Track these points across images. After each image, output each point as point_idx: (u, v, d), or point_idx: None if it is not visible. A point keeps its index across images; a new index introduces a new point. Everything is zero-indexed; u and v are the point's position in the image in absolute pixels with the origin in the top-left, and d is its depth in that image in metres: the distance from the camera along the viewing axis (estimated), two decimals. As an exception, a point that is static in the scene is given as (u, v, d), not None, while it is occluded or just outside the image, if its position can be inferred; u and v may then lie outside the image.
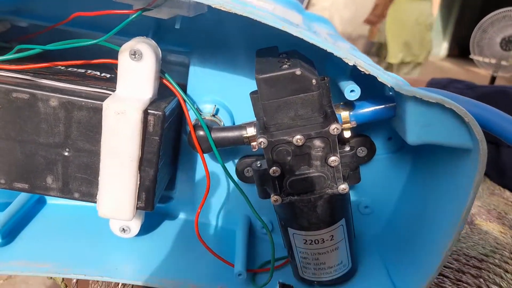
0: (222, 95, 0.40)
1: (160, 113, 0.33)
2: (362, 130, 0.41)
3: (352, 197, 0.45)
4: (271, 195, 0.34)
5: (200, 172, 0.43)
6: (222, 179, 0.44)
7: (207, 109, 0.39)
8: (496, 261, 0.57)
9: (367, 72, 0.29)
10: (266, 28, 0.27)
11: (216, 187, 0.44)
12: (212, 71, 0.40)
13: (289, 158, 0.32)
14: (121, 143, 0.32)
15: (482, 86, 0.97)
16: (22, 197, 0.42)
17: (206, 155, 0.38)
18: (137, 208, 0.35)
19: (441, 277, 0.51)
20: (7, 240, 0.38)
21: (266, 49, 0.36)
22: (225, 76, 0.40)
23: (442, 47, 5.03)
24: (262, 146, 0.31)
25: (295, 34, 0.27)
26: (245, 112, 0.40)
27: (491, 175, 0.91)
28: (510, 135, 0.31)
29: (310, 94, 0.31)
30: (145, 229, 0.42)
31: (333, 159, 0.32)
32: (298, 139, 0.31)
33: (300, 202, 0.34)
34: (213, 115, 0.38)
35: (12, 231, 0.39)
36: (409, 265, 0.38)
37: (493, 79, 2.62)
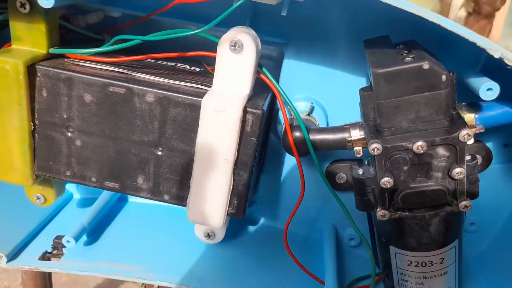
0: (317, 92, 0.37)
1: (259, 111, 0.30)
2: (475, 135, 0.36)
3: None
4: (378, 209, 0.30)
5: (285, 176, 0.40)
6: (309, 183, 0.40)
7: (301, 107, 0.36)
8: None
9: (516, 67, 0.24)
10: (372, 16, 0.24)
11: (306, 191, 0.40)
12: (307, 65, 0.36)
13: (405, 167, 0.28)
14: (217, 143, 0.30)
15: None
16: (106, 193, 0.41)
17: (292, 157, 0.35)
18: (227, 215, 0.32)
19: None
20: (92, 239, 0.37)
21: (376, 39, 0.32)
22: (321, 71, 0.36)
23: None
24: (375, 153, 0.27)
25: (431, 19, 0.23)
26: (342, 112, 0.36)
27: None
28: None
29: (437, 92, 0.26)
30: (227, 234, 0.40)
31: (459, 171, 0.27)
32: (419, 146, 0.27)
33: (412, 219, 0.30)
34: (308, 114, 0.35)
35: (97, 229, 0.38)
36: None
37: None
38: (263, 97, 0.33)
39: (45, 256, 0.38)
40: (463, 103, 0.31)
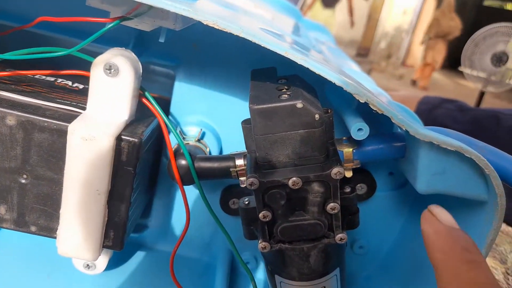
0: (210, 117, 0.36)
1: (136, 140, 0.28)
2: (362, 164, 0.37)
3: (348, 236, 0.41)
4: (259, 241, 0.29)
5: (179, 199, 0.39)
6: (203, 208, 0.39)
7: (192, 132, 0.35)
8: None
9: (380, 112, 0.25)
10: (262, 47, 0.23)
11: (197, 217, 0.39)
12: (200, 89, 0.35)
13: (282, 202, 0.28)
14: (87, 173, 0.27)
15: (472, 108, 0.95)
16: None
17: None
18: (103, 247, 0.30)
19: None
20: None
21: (262, 70, 0.31)
22: (214, 96, 0.35)
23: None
24: (252, 187, 0.27)
25: (299, 62, 0.23)
26: (235, 138, 0.36)
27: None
28: None
29: (311, 130, 0.26)
30: (115, 261, 0.37)
31: (333, 206, 0.28)
32: (294, 181, 0.27)
33: (292, 250, 0.30)
34: (198, 140, 0.34)
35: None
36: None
37: (481, 94, 2.64)
38: (147, 123, 0.31)
39: None
40: (344, 138, 0.31)
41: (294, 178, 0.27)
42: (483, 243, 0.28)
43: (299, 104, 0.26)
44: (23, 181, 0.28)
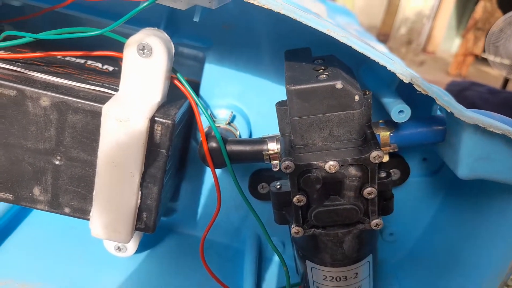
0: (241, 100, 0.35)
1: (169, 121, 0.28)
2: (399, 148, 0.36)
3: (379, 222, 0.40)
4: (292, 225, 0.29)
5: (208, 183, 0.39)
6: (232, 192, 0.39)
7: (222, 115, 0.34)
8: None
9: (424, 93, 0.24)
10: (295, 25, 0.22)
11: (225, 201, 0.39)
12: (230, 71, 0.35)
13: (318, 186, 0.27)
14: (121, 155, 0.27)
15: (503, 91, 0.94)
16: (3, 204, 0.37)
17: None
18: (136, 229, 0.30)
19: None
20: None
21: (297, 50, 0.30)
22: (245, 78, 0.35)
23: (454, 44, 4.91)
24: (287, 171, 0.26)
25: (342, 40, 0.22)
26: (265, 122, 0.35)
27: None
28: None
29: (350, 112, 0.26)
30: (145, 244, 0.38)
31: (370, 191, 0.27)
32: (331, 165, 0.26)
33: (326, 236, 0.29)
34: (229, 123, 0.33)
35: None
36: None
37: (506, 81, 2.56)
38: (178, 105, 0.31)
39: None
40: (380, 121, 0.30)
41: (332, 162, 0.26)
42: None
43: (339, 85, 0.25)
44: (57, 162, 0.28)
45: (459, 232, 0.35)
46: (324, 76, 0.25)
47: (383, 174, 0.31)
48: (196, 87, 0.36)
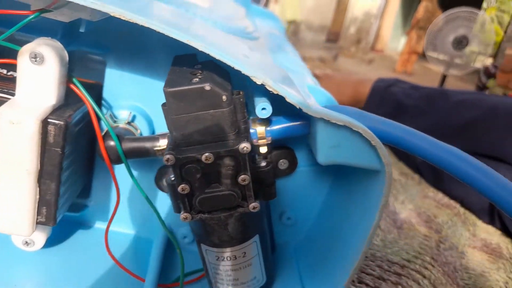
0: (142, 101, 0.38)
1: (62, 123, 0.31)
2: (286, 142, 0.40)
3: (275, 208, 0.45)
4: (181, 212, 0.33)
5: (118, 180, 0.41)
6: (142, 185, 0.42)
7: (123, 115, 0.37)
8: (417, 266, 0.60)
9: (275, 92, 0.28)
10: None
11: (134, 195, 0.42)
12: (130, 75, 0.38)
13: (198, 175, 0.31)
14: (17, 155, 0.30)
15: (424, 87, 1.02)
16: None
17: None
18: (37, 223, 0.32)
19: (361, 284, 0.52)
20: None
21: (183, 56, 0.34)
22: (145, 81, 0.38)
23: (400, 42, 5.20)
24: (169, 163, 0.30)
25: (199, 48, 0.26)
26: (165, 121, 0.38)
27: (427, 177, 0.95)
28: (419, 150, 0.31)
29: (220, 110, 0.30)
30: (56, 239, 0.40)
31: (243, 178, 0.31)
32: (207, 156, 0.30)
33: (211, 220, 0.33)
34: (128, 123, 0.37)
35: None
36: (321, 279, 0.39)
37: (444, 77, 2.74)
38: (77, 106, 0.33)
39: None
40: (259, 117, 0.35)
41: (207, 154, 0.30)
42: (377, 207, 0.32)
43: (207, 87, 0.29)
44: (-44, 163, 0.30)
45: (340, 214, 0.40)
46: (197, 79, 0.29)
47: (263, 164, 0.35)
48: (101, 88, 0.39)
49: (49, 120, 0.30)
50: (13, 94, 0.32)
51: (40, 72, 0.30)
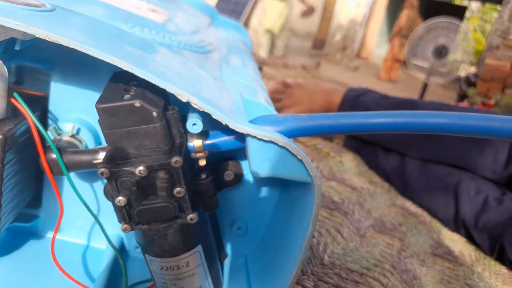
0: (87, 114, 0.39)
1: (0, 136, 0.31)
2: (234, 154, 0.42)
3: (225, 218, 0.46)
4: (121, 224, 0.33)
5: (68, 190, 0.42)
6: (90, 196, 0.43)
7: (68, 128, 0.38)
8: (376, 274, 0.61)
9: (201, 110, 0.29)
10: None
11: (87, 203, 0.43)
12: (75, 89, 0.38)
13: (134, 188, 0.32)
14: (-48, 168, 0.30)
15: (393, 97, 1.04)
16: None
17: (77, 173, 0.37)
18: (-23, 234, 0.33)
19: (316, 292, 0.53)
20: None
21: (122, 72, 0.35)
22: (89, 95, 0.39)
23: (385, 49, 5.27)
24: (103, 176, 0.31)
25: (124, 68, 0.27)
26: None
27: (395, 185, 0.97)
28: (361, 126, 0.32)
29: (152, 126, 0.31)
30: (6, 249, 0.41)
31: (178, 190, 0.32)
32: (141, 170, 0.31)
33: (150, 231, 0.34)
34: (72, 136, 0.37)
35: None
36: (265, 288, 0.40)
37: (425, 85, 2.79)
38: (19, 120, 0.34)
39: None
40: (196, 132, 0.36)
41: (141, 167, 0.31)
42: (310, 217, 0.33)
43: (137, 103, 0.30)
44: None
45: (284, 223, 0.41)
46: (129, 95, 0.30)
47: (204, 176, 0.36)
48: (47, 99, 0.39)
49: (-14, 134, 0.31)
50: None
51: (-21, 88, 0.31)
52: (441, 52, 2.76)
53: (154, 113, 0.30)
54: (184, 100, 0.29)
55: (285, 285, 0.36)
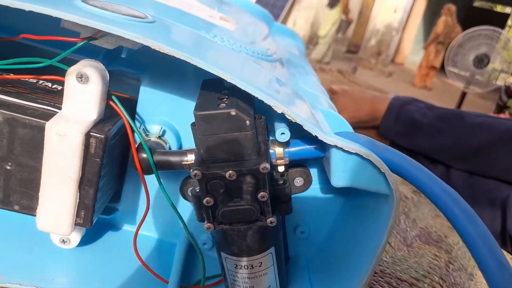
0: (172, 118, 0.42)
1: (102, 136, 0.34)
2: (302, 161, 0.43)
3: (290, 222, 0.47)
4: (205, 222, 0.36)
5: (142, 188, 0.45)
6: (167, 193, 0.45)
7: (155, 129, 0.41)
8: (425, 285, 0.61)
9: (293, 121, 0.31)
10: None
11: (161, 202, 0.45)
12: (162, 93, 0.41)
13: (221, 190, 0.34)
14: (61, 163, 0.33)
15: (440, 107, 1.03)
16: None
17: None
18: (75, 224, 0.36)
19: (369, 300, 0.54)
20: None
21: (211, 80, 0.37)
22: (175, 100, 0.41)
23: (420, 55, 5.16)
24: (196, 178, 0.33)
25: (228, 80, 0.29)
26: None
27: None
28: (421, 184, 0.33)
29: (244, 133, 0.33)
30: (89, 239, 0.44)
31: (262, 195, 0.34)
32: (230, 174, 0.33)
33: (231, 231, 0.36)
34: (159, 137, 0.40)
35: None
36: (331, 292, 0.41)
37: (463, 94, 2.72)
38: (115, 120, 0.37)
39: None
40: (278, 139, 0.38)
41: (230, 171, 0.33)
42: (386, 228, 0.34)
43: (233, 112, 0.32)
44: (8, 167, 0.34)
45: (350, 231, 0.42)
46: (224, 104, 0.33)
47: (281, 182, 0.38)
48: (135, 103, 0.42)
49: (91, 133, 0.34)
50: (57, 107, 0.35)
51: (85, 90, 0.34)
52: (482, 61, 2.68)
53: (248, 122, 0.32)
54: (279, 111, 0.30)
55: (353, 291, 0.38)
